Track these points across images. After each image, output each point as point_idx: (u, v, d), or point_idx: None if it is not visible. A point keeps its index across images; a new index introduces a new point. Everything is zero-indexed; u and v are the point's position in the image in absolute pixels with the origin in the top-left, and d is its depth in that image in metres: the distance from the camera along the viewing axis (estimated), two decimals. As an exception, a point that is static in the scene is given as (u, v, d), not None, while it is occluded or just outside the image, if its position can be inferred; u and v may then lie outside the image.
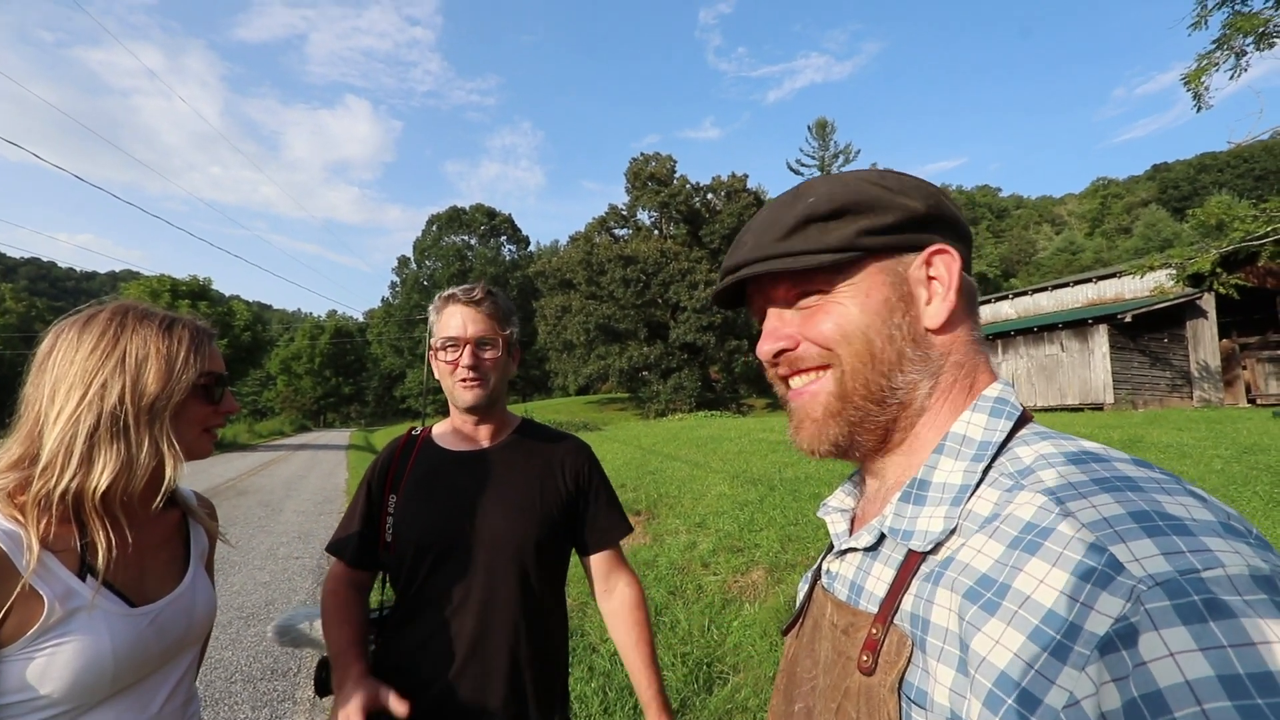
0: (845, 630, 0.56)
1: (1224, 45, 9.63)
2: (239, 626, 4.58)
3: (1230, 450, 6.77)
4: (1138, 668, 0.34)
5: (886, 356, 0.56)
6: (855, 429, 0.58)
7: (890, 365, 0.56)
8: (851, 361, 0.57)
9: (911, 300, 0.57)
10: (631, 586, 1.42)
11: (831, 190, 0.58)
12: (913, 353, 0.56)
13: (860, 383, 0.57)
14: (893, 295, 0.57)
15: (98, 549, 0.87)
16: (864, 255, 0.57)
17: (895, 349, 0.56)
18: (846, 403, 0.57)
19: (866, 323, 0.56)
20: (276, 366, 59.83)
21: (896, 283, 0.57)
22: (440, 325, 1.36)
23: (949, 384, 0.57)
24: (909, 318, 0.57)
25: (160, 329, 0.94)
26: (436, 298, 1.41)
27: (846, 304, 0.57)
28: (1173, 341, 17.92)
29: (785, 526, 5.28)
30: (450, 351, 1.34)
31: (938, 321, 0.56)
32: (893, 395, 0.56)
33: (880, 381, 0.56)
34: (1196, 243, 12.09)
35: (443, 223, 60.18)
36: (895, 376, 0.56)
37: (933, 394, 0.57)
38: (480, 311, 1.35)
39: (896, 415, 0.57)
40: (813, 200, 0.58)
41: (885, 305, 0.57)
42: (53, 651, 0.81)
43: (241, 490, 11.82)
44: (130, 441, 0.89)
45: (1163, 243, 43.08)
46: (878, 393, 0.56)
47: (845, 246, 0.56)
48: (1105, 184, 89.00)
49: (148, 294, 24.83)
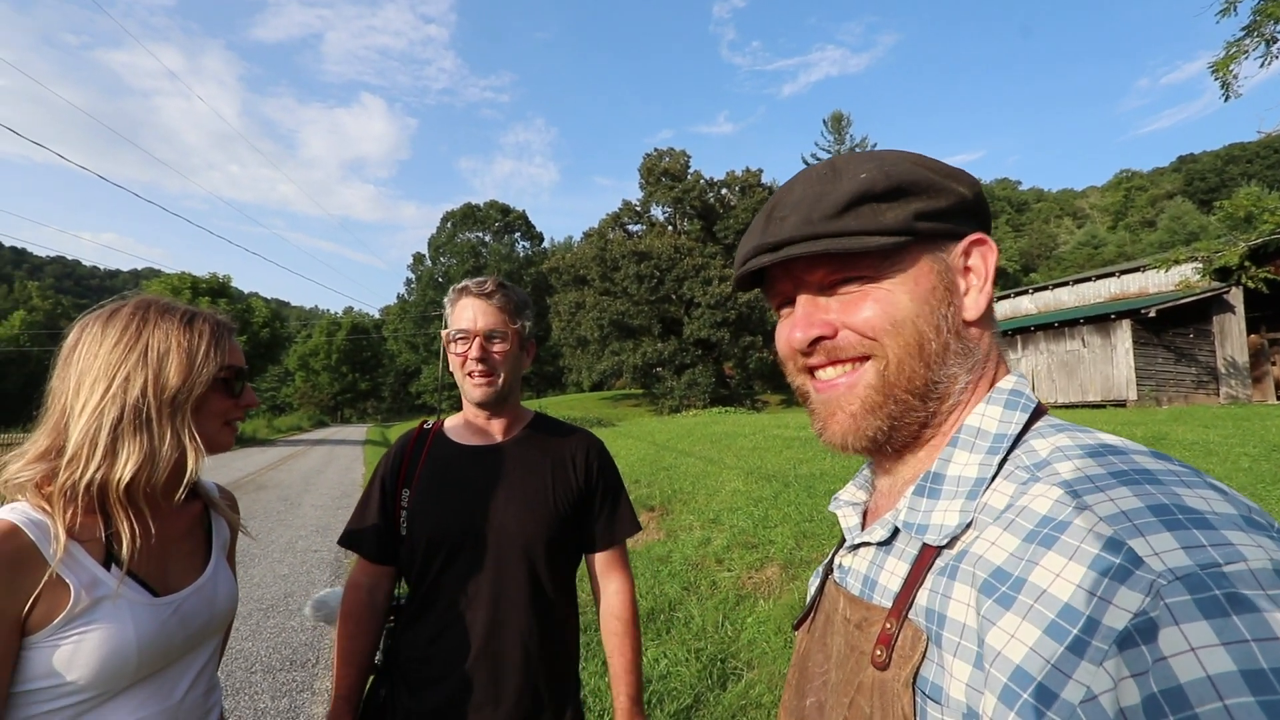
0: (858, 625, 0.55)
1: (1254, 32, 9.38)
2: (259, 618, 4.66)
3: (1259, 448, 6.62)
4: (1157, 663, 0.33)
5: (934, 348, 0.54)
6: (895, 423, 0.55)
7: (936, 358, 0.54)
8: (899, 353, 0.54)
9: (955, 290, 0.55)
10: (620, 594, 1.42)
11: (885, 167, 0.54)
12: (956, 345, 0.55)
13: (905, 375, 0.54)
14: (940, 284, 0.55)
15: (122, 539, 0.89)
16: (914, 240, 0.54)
17: (942, 341, 0.54)
18: (888, 396, 0.55)
19: (916, 312, 0.54)
20: (294, 363, 60.60)
21: (943, 271, 0.55)
22: (453, 318, 1.37)
23: (978, 377, 0.56)
24: (953, 308, 0.55)
25: (181, 323, 0.95)
26: (451, 290, 1.41)
27: (895, 291, 0.54)
28: (1199, 337, 17.53)
29: (800, 523, 5.26)
30: (460, 344, 1.34)
31: (976, 314, 0.55)
32: (934, 389, 0.55)
33: (925, 374, 0.54)
34: (1224, 235, 11.84)
35: (457, 220, 60.55)
36: (939, 369, 0.55)
37: (967, 387, 0.56)
38: (491, 304, 1.35)
39: (936, 409, 0.56)
40: (865, 176, 0.54)
41: (934, 294, 0.54)
42: (78, 639, 0.83)
43: (261, 485, 12.01)
44: (153, 434, 0.90)
45: (1188, 236, 42.12)
46: (921, 386, 0.54)
47: (903, 229, 0.53)
48: (1129, 176, 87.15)
49: (169, 291, 25.28)
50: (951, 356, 0.55)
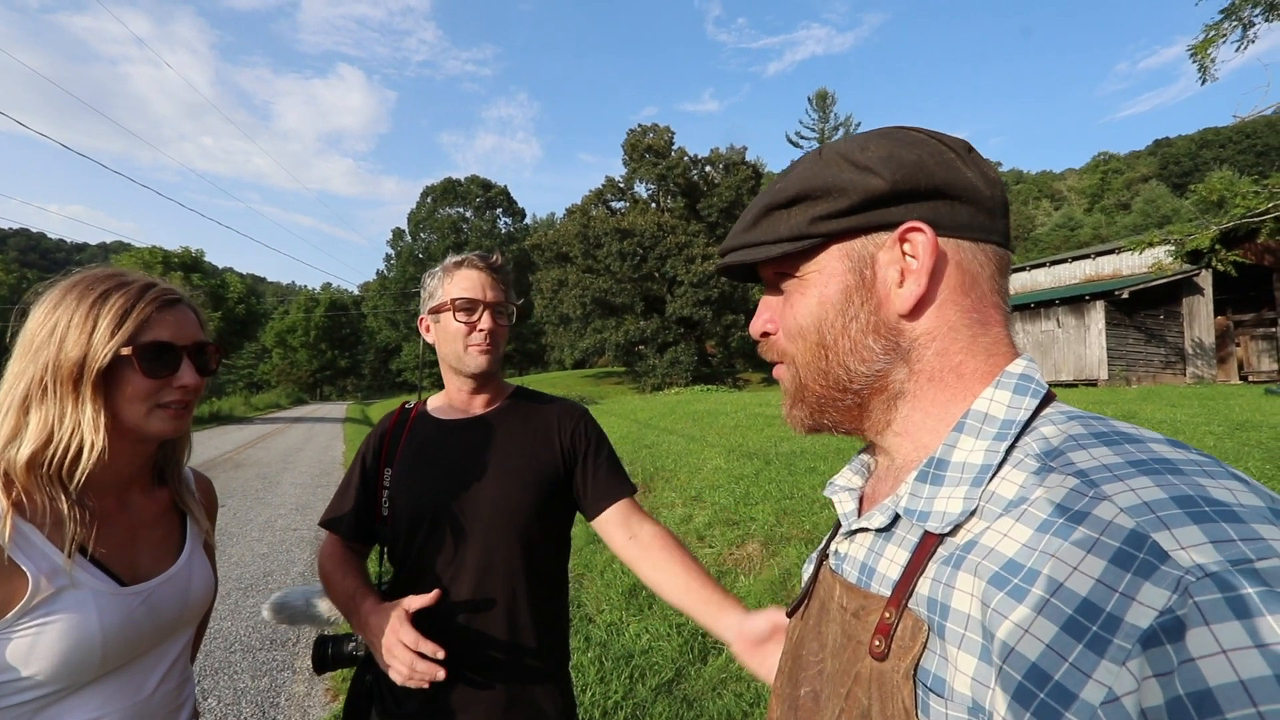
0: (855, 613, 0.54)
1: (1232, 15, 9.44)
2: (237, 597, 4.61)
3: (1223, 426, 6.82)
4: (1184, 664, 0.32)
5: (840, 346, 0.55)
6: (818, 413, 0.59)
7: (844, 355, 0.55)
8: (804, 356, 0.58)
9: (872, 285, 0.54)
10: (660, 525, 1.31)
11: (797, 173, 0.57)
12: (874, 342, 0.54)
13: (814, 374, 0.58)
14: (853, 281, 0.54)
15: (77, 525, 0.85)
16: (825, 240, 0.55)
17: (849, 339, 0.55)
18: (805, 389, 0.59)
19: (820, 315, 0.56)
20: (272, 340, 59.52)
21: (857, 268, 0.54)
22: (450, 286, 1.32)
23: (936, 367, 0.53)
24: (870, 304, 0.54)
25: (96, 295, 0.88)
26: (448, 261, 1.37)
27: (807, 294, 0.57)
28: (1169, 318, 17.95)
29: (781, 500, 5.31)
30: (466, 313, 1.30)
31: (906, 306, 0.52)
32: (855, 382, 0.55)
33: (837, 372, 0.56)
34: (1196, 219, 12.03)
35: (437, 195, 59.34)
36: (854, 366, 0.55)
37: (912, 378, 0.54)
38: (498, 278, 1.34)
39: (867, 400, 0.56)
40: (779, 186, 0.57)
41: (843, 294, 0.55)
42: (38, 630, 0.79)
43: (239, 463, 11.83)
44: (49, 413, 0.85)
45: (1162, 219, 42.88)
46: (836, 382, 0.56)
47: (796, 235, 0.55)
48: (1106, 159, 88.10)
49: (139, 266, 24.48)
50: (866, 351, 0.54)
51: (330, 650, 1.27)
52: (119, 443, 0.91)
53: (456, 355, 1.32)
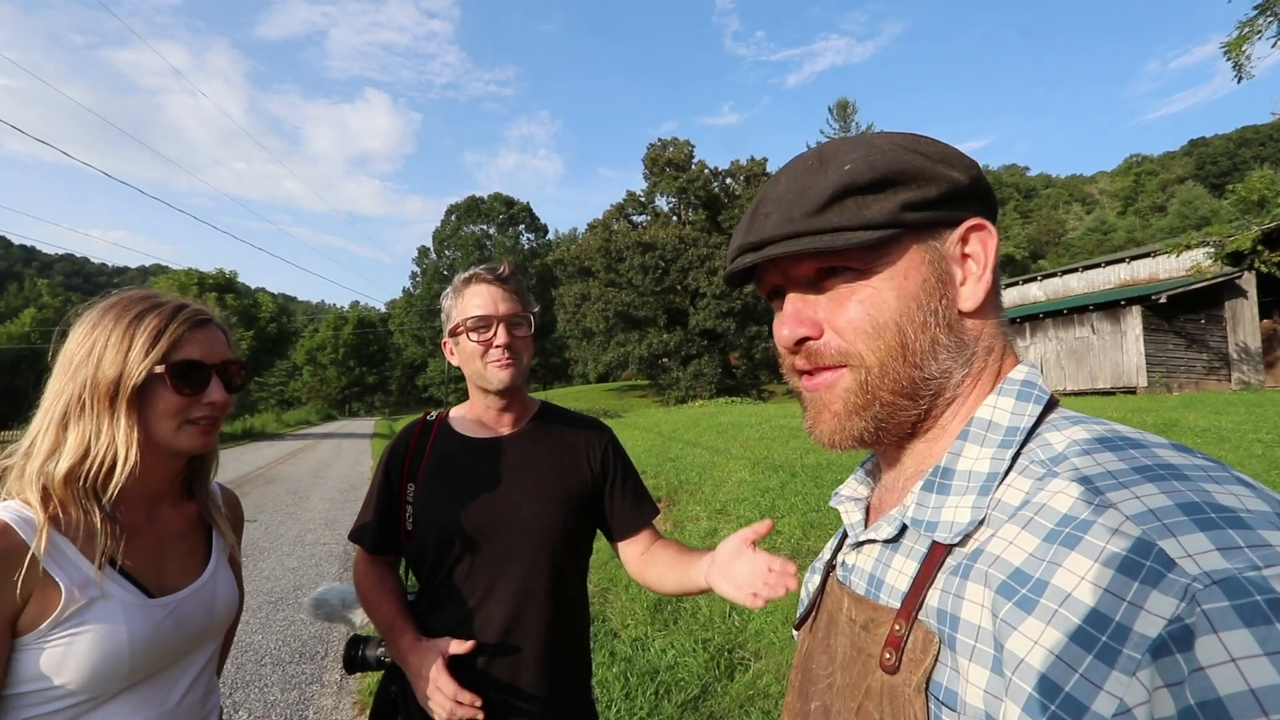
0: (865, 626, 0.53)
1: (1267, 10, 9.20)
2: (268, 611, 4.69)
3: (1272, 434, 6.54)
4: (1194, 673, 0.31)
5: (919, 346, 0.51)
6: (882, 423, 0.53)
7: (923, 356, 0.52)
8: (880, 357, 0.51)
9: (950, 281, 0.52)
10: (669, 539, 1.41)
11: (870, 157, 0.51)
12: (947, 339, 0.52)
13: (890, 378, 0.52)
14: (931, 277, 0.52)
15: (108, 538, 0.87)
16: (904, 232, 0.51)
17: (929, 336, 0.51)
18: (872, 398, 0.53)
19: (901, 311, 0.51)
20: (302, 357, 60.94)
21: (935, 262, 0.52)
22: (464, 305, 1.31)
23: (979, 370, 0.53)
24: (945, 301, 0.52)
25: (132, 317, 0.92)
26: (457, 279, 1.36)
27: (881, 288, 0.51)
28: (1210, 323, 17.32)
29: (807, 513, 5.24)
30: (481, 331, 1.29)
31: (973, 304, 0.52)
32: (925, 387, 0.52)
33: (912, 374, 0.52)
34: (1236, 220, 11.67)
35: (461, 212, 60.40)
36: (929, 366, 0.52)
37: (964, 381, 0.53)
38: (508, 290, 1.32)
39: (930, 405, 0.53)
40: (849, 168, 0.51)
41: (924, 288, 0.52)
42: (70, 641, 0.82)
43: (270, 478, 12.08)
44: (86, 429, 0.89)
45: (1199, 220, 41.56)
46: (909, 386, 0.52)
47: (889, 222, 0.50)
48: (1139, 161, 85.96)
49: (176, 288, 25.45)
50: (941, 351, 0.52)
51: (361, 652, 1.32)
52: (150, 457, 0.94)
53: (479, 373, 1.31)
